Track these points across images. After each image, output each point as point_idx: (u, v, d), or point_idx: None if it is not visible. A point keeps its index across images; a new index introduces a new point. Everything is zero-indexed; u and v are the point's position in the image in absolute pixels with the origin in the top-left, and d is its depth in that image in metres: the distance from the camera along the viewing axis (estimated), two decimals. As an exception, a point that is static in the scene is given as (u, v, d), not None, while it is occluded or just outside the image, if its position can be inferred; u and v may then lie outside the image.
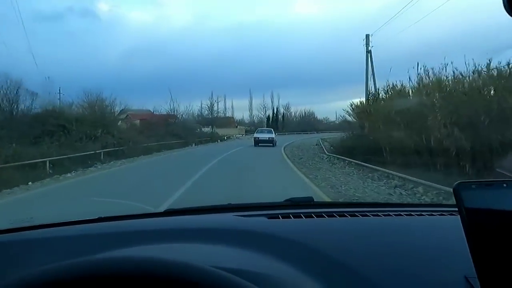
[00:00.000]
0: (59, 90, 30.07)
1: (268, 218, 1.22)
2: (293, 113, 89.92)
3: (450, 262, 0.89)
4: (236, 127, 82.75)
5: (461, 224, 0.70)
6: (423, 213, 1.29)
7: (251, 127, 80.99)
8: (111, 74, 63.79)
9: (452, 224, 0.98)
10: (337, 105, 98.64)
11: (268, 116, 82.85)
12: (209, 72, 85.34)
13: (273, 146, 28.07)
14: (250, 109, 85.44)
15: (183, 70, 79.29)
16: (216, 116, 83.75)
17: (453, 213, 1.20)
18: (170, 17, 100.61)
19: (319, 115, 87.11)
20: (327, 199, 6.94)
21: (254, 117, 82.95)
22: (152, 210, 1.64)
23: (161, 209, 1.53)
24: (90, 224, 1.25)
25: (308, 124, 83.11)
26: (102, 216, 1.30)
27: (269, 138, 29.48)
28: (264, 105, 79.07)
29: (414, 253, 0.95)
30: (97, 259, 0.69)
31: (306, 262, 0.90)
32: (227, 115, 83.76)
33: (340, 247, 0.97)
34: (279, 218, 1.22)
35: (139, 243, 1.02)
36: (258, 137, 29.77)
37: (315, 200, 1.55)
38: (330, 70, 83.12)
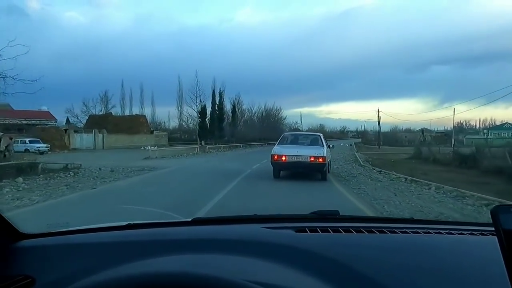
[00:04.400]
0: None
1: (296, 231, 1.21)
2: (247, 110, 62.63)
3: (481, 283, 0.89)
4: (152, 132, 50.90)
5: (492, 245, 0.72)
6: (452, 232, 1.25)
7: (178, 134, 60.21)
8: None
9: (483, 245, 1.08)
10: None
11: (201, 110, 52.32)
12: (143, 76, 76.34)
13: (320, 178, 11.49)
14: (180, 115, 60.45)
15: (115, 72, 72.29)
16: (106, 114, 52.25)
17: (484, 233, 1.21)
18: (107, 18, 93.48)
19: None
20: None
21: (187, 122, 57.91)
22: (180, 218, 1.63)
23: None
24: (120, 231, 1.27)
25: (273, 128, 56.22)
26: (131, 223, 1.33)
27: (314, 157, 11.12)
28: (197, 91, 49.00)
29: (444, 273, 0.93)
30: (152, 273, 0.80)
31: (335, 277, 0.90)
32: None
33: (370, 263, 0.95)
34: (307, 231, 1.20)
35: (168, 253, 1.04)
36: (287, 156, 11.33)
37: (341, 213, 1.47)
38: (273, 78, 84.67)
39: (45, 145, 30.37)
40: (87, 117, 51.23)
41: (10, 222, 1.15)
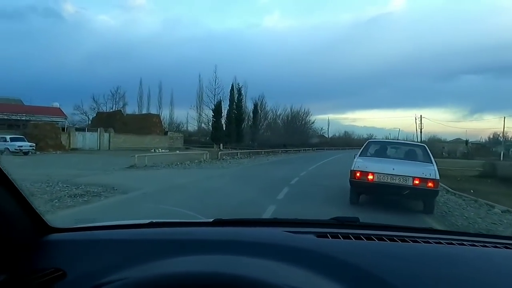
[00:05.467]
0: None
1: (317, 236, 1.20)
2: (270, 112, 56.65)
3: None
4: (166, 133, 46.42)
5: None
6: (475, 243, 1.21)
7: (197, 136, 55.91)
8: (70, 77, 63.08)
9: (507, 258, 1.10)
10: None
11: (216, 108, 46.88)
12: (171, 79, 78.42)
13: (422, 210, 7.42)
14: (199, 116, 55.73)
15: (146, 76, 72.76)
16: (115, 111, 48.02)
17: (508, 246, 1.21)
18: (138, 22, 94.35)
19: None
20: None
21: (207, 124, 53.13)
22: (202, 218, 1.61)
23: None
24: (143, 229, 1.29)
25: (301, 133, 50.87)
26: (153, 221, 1.34)
27: (421, 179, 6.86)
28: (215, 89, 44.11)
29: (467, 285, 0.93)
30: (191, 273, 0.85)
31: (358, 283, 0.91)
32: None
33: (392, 271, 0.95)
34: (328, 237, 1.20)
35: (191, 252, 1.06)
36: (377, 174, 7.14)
37: (360, 220, 1.46)
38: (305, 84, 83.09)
39: (30, 144, 25.95)
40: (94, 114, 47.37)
41: (41, 216, 1.16)
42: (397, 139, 28.26)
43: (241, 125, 48.16)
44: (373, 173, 7.31)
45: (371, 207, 7.83)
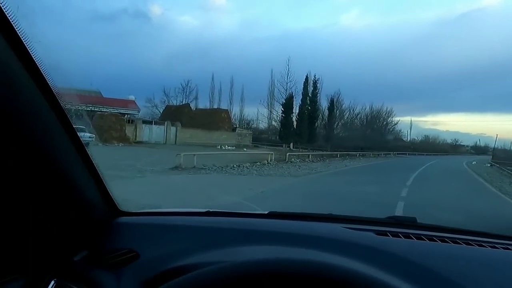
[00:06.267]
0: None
1: (376, 234, 1.18)
2: (347, 110, 51.52)
3: None
4: (234, 129, 44.36)
5: None
6: None
7: (267, 134, 52.84)
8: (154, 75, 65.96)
9: None
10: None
11: (286, 103, 42.71)
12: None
13: None
14: (269, 113, 51.63)
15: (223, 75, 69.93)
16: (183, 104, 46.93)
17: None
18: (216, 22, 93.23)
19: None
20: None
21: (277, 120, 48.62)
22: (258, 210, 1.59)
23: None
24: (201, 217, 1.32)
25: (381, 135, 45.65)
26: (210, 210, 1.37)
27: None
28: (287, 83, 40.72)
29: None
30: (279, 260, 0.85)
31: (422, 282, 0.89)
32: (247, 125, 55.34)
33: (457, 273, 0.93)
34: (388, 235, 1.17)
35: (253, 242, 1.07)
36: None
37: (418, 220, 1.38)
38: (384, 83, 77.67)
39: (89, 134, 24.74)
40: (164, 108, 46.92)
41: (114, 199, 1.20)
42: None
43: (315, 123, 43.44)
44: None
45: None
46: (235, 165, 15.32)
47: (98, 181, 1.08)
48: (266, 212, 1.39)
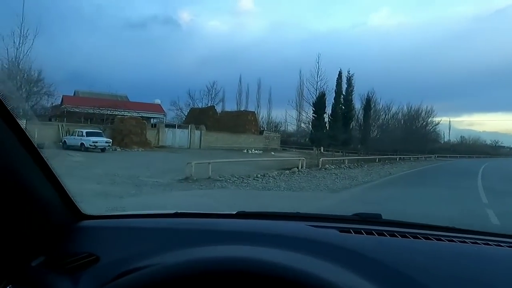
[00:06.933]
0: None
1: (340, 231, 1.20)
2: (382, 110, 48.12)
3: None
4: (262, 132, 42.14)
5: None
6: (501, 244, 1.18)
7: (296, 137, 49.74)
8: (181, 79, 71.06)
9: None
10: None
11: (317, 101, 39.68)
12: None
13: None
14: (298, 115, 48.18)
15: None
16: (207, 107, 45.06)
17: None
18: (245, 26, 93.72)
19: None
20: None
21: (306, 123, 46.29)
22: (225, 211, 1.57)
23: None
24: (168, 218, 1.33)
25: (420, 136, 41.93)
26: (178, 212, 1.37)
27: None
28: (317, 82, 38.09)
29: (499, 286, 0.93)
30: (221, 258, 0.90)
31: (382, 278, 0.91)
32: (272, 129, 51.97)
33: (417, 268, 0.96)
34: (351, 232, 1.19)
35: (218, 242, 1.08)
36: None
37: (383, 217, 1.42)
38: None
39: (106, 139, 23.30)
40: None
41: (75, 203, 1.19)
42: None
43: (349, 124, 40.22)
44: None
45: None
46: (259, 175, 12.92)
47: (57, 186, 1.07)
48: (234, 213, 1.40)
